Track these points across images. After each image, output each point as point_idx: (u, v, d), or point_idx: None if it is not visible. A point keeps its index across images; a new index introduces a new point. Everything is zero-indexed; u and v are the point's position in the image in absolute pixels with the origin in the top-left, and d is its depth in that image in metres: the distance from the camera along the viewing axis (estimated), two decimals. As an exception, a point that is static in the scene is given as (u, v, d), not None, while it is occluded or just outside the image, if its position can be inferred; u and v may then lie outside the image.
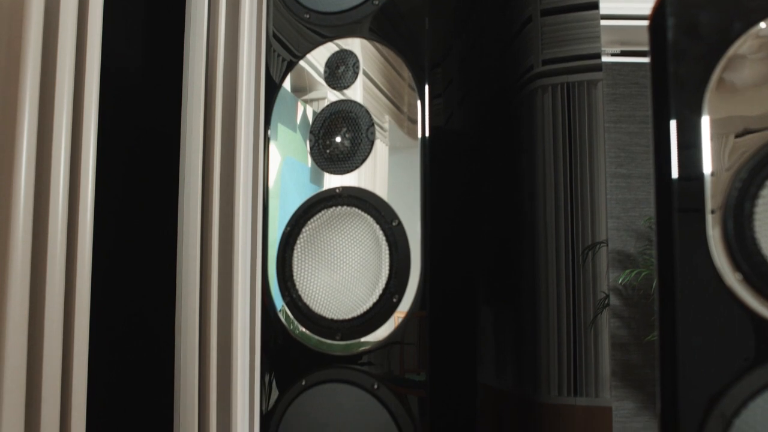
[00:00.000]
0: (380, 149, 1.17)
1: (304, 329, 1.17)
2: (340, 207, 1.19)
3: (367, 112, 1.19)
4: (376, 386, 1.05)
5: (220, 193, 2.21)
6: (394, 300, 1.10)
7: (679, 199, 0.90)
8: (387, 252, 1.13)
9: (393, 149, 1.16)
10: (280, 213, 1.25)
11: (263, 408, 1.14)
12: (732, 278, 0.86)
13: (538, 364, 1.25)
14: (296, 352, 1.15)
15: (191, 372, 2.12)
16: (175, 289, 2.19)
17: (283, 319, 1.18)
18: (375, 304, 1.12)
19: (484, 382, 1.08)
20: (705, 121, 0.91)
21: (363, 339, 1.11)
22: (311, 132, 1.25)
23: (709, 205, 0.89)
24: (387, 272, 1.12)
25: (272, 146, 1.31)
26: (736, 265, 0.87)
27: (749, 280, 0.86)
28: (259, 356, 1.25)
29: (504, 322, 1.22)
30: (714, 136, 0.90)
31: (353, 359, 1.10)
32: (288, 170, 1.24)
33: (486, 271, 1.25)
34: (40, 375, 1.83)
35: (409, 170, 1.13)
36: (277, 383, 1.15)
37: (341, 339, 1.13)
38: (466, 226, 1.23)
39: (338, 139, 1.22)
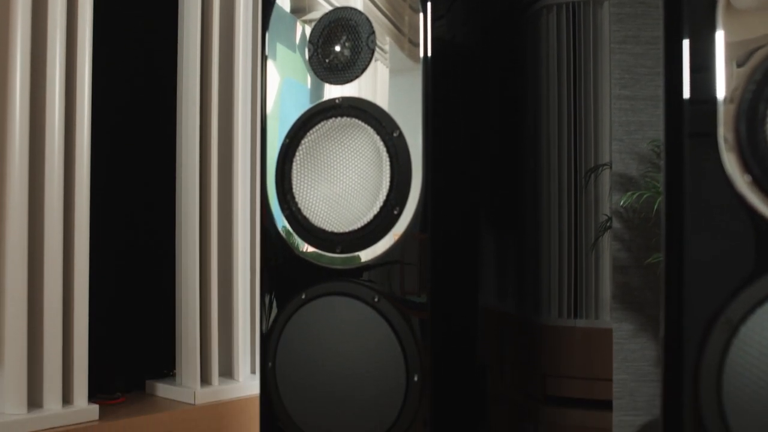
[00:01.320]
0: (381, 70, 1.14)
1: (303, 242, 1.16)
2: (339, 118, 1.17)
3: (368, 19, 1.16)
4: (376, 299, 1.05)
5: (219, 112, 2.19)
6: (395, 212, 1.08)
7: (690, 111, 0.88)
8: (388, 163, 1.11)
9: (393, 72, 1.14)
10: (279, 132, 1.22)
11: (263, 327, 1.14)
12: (741, 181, 0.85)
13: (539, 286, 1.25)
14: (296, 265, 1.14)
15: (192, 290, 2.13)
16: (175, 208, 2.19)
17: (282, 232, 1.17)
18: (375, 217, 1.10)
19: (485, 304, 1.08)
20: (719, 36, 0.88)
21: (363, 252, 1.10)
22: (309, 42, 1.22)
23: (721, 109, 0.87)
24: (387, 184, 1.10)
25: (271, 67, 1.28)
26: (746, 167, 0.85)
27: (759, 183, 0.84)
28: (259, 271, 1.24)
29: (505, 245, 1.21)
30: (728, 47, 0.87)
31: (354, 273, 1.09)
32: (287, 90, 1.22)
33: (488, 193, 1.24)
34: (41, 291, 1.84)
35: (411, 83, 1.10)
36: (276, 298, 1.14)
37: (341, 252, 1.11)
38: (468, 145, 1.21)
39: (338, 48, 1.19)
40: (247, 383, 2.21)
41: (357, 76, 1.16)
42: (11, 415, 1.77)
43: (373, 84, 1.14)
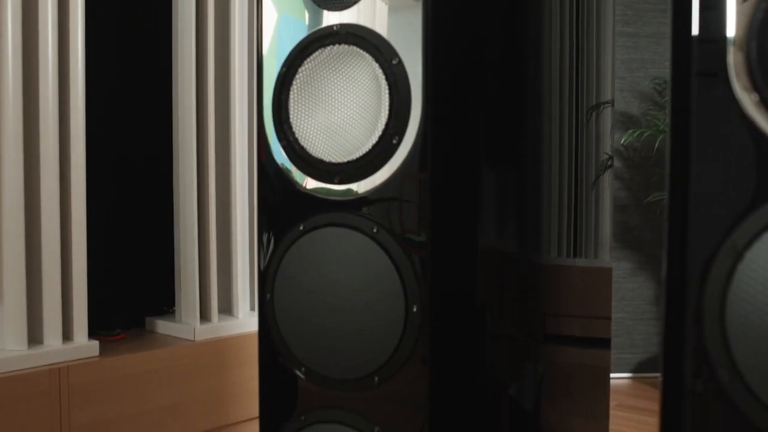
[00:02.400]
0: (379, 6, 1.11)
1: (301, 173, 1.14)
2: (337, 45, 1.14)
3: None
4: (375, 230, 1.03)
5: (215, 46, 2.16)
6: (394, 141, 1.07)
7: (700, 25, 0.85)
8: (387, 92, 1.08)
9: (392, 9, 1.11)
10: (277, 61, 1.20)
11: (261, 263, 1.13)
12: (748, 101, 0.83)
13: (538, 225, 1.24)
14: (293, 198, 1.13)
15: (190, 228, 2.12)
16: (172, 145, 2.17)
17: (279, 164, 1.15)
18: (374, 146, 1.09)
19: (484, 243, 1.07)
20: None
21: (362, 182, 1.08)
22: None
23: (732, 27, 0.84)
24: (386, 113, 1.08)
25: (267, 3, 1.25)
26: (754, 86, 0.83)
27: (766, 103, 0.82)
28: (257, 206, 1.23)
29: (505, 184, 1.20)
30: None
31: (352, 204, 1.08)
32: (284, 23, 1.19)
33: (488, 130, 1.22)
34: (38, 222, 1.84)
35: (411, 10, 1.07)
36: (274, 231, 1.13)
37: (340, 183, 1.10)
38: (468, 79, 1.19)
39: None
40: (247, 320, 2.22)
41: (356, 1, 1.13)
42: (12, 351, 1.78)
43: (372, 10, 1.11)
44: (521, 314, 1.16)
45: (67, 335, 1.90)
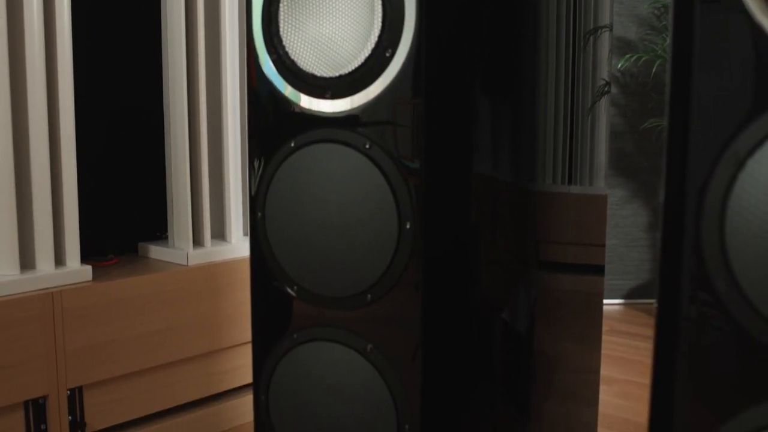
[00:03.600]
0: None
1: (292, 88, 1.12)
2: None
3: None
4: (368, 146, 1.02)
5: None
6: (387, 54, 1.04)
7: None
8: (380, 3, 1.05)
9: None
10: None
11: (252, 185, 1.11)
12: (755, 5, 0.79)
13: (533, 152, 1.22)
14: (284, 117, 1.11)
15: (182, 152, 2.10)
16: (162, 69, 2.14)
17: (270, 81, 1.12)
18: (367, 59, 1.06)
19: (479, 171, 1.05)
20: None
21: (355, 97, 1.05)
22: None
23: None
24: (379, 24, 1.05)
25: None
26: None
27: None
28: (247, 128, 1.20)
29: (501, 109, 1.18)
30: None
31: (344, 120, 1.06)
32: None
33: (483, 54, 1.19)
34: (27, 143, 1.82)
35: None
36: (264, 150, 1.11)
37: (331, 97, 1.07)
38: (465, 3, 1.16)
39: None
40: (240, 245, 2.22)
41: None
42: (4, 276, 1.77)
43: None
44: (515, 241, 1.15)
45: (59, 260, 1.90)
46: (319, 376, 1.04)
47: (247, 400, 2.25)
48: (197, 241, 2.18)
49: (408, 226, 0.96)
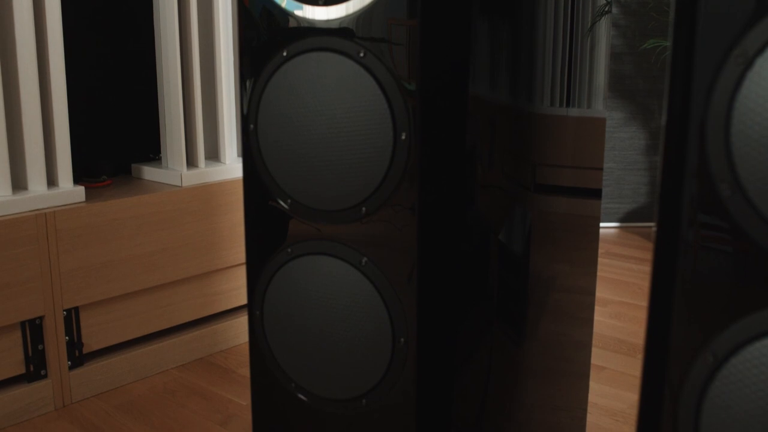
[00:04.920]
0: None
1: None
2: None
3: None
4: (362, 54, 0.99)
5: None
6: None
7: None
8: None
9: None
10: None
11: (244, 101, 1.09)
12: None
13: (532, 73, 1.20)
14: (277, 25, 1.07)
15: (174, 74, 2.07)
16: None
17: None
18: None
19: (476, 92, 1.03)
20: None
21: (350, 3, 1.02)
22: None
23: None
24: None
25: None
26: None
27: None
28: (239, 47, 1.17)
29: (499, 29, 1.15)
30: None
31: (338, 29, 1.03)
32: None
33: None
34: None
35: None
36: (255, 66, 1.08)
37: (325, 4, 1.04)
38: None
39: None
40: (234, 166, 2.20)
41: None
42: (-4, 196, 1.76)
43: None
44: (512, 164, 1.14)
45: (51, 181, 1.88)
46: (314, 290, 1.03)
47: (243, 321, 2.27)
48: (191, 162, 2.16)
49: (403, 137, 0.94)
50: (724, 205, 0.71)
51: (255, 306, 1.11)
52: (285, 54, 1.04)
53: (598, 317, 2.47)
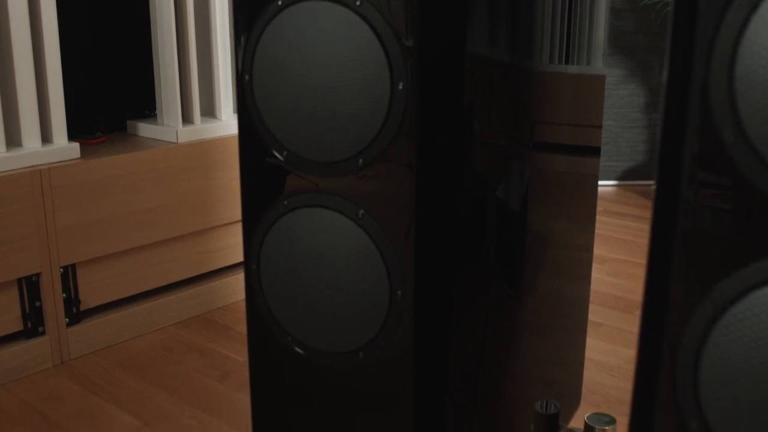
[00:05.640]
0: None
1: None
2: None
3: None
4: (358, 2, 0.97)
5: None
6: None
7: None
8: None
9: None
10: None
11: (239, 53, 1.07)
12: None
13: (531, 30, 1.18)
14: None
15: (168, 30, 2.04)
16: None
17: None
18: None
19: (474, 48, 1.02)
20: None
21: None
22: None
23: None
24: None
25: None
26: None
27: None
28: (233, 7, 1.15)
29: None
30: None
31: None
32: None
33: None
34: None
35: None
36: (249, 19, 1.06)
37: None
38: None
39: None
40: (230, 122, 2.19)
41: None
42: (-10, 152, 1.75)
43: None
44: (510, 121, 1.13)
45: (46, 137, 1.87)
46: (310, 243, 1.03)
47: (240, 278, 2.27)
48: (186, 119, 2.14)
49: (401, 87, 0.93)
50: (727, 152, 0.70)
51: (251, 260, 1.10)
52: (280, 3, 1.02)
53: (595, 274, 2.47)
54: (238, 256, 2.26)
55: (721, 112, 0.70)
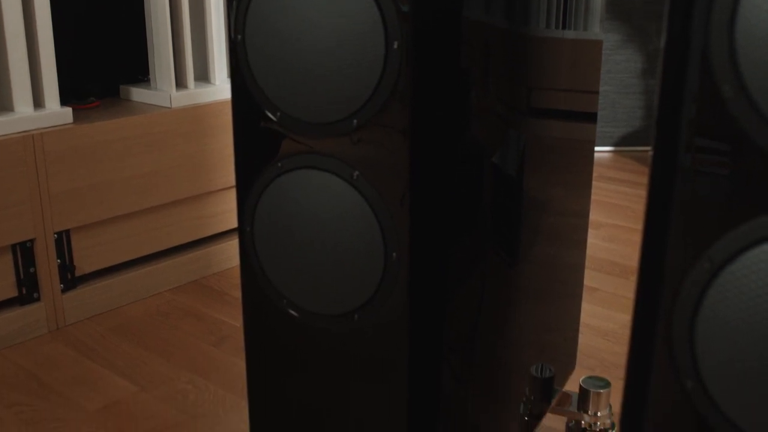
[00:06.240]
0: None
1: None
2: None
3: None
4: None
5: None
6: None
7: None
8: None
9: None
10: None
11: (231, 13, 1.05)
12: None
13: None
14: None
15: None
16: None
17: None
18: None
19: (469, 13, 1.00)
20: None
21: None
22: None
23: None
24: None
25: None
26: None
27: None
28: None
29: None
30: None
31: None
32: None
33: None
34: None
35: None
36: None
37: None
38: None
39: None
40: (224, 87, 2.17)
41: None
42: (-19, 117, 1.73)
43: None
44: (507, 88, 1.11)
45: (38, 102, 1.85)
46: (304, 205, 1.02)
47: (236, 244, 2.26)
48: (180, 83, 2.12)
49: (396, 46, 0.91)
50: (727, 109, 0.69)
51: (245, 222, 1.09)
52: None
53: (591, 240, 2.47)
54: (234, 221, 2.26)
55: (721, 68, 0.68)
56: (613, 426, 1.44)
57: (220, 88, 2.15)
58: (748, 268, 0.69)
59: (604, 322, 1.92)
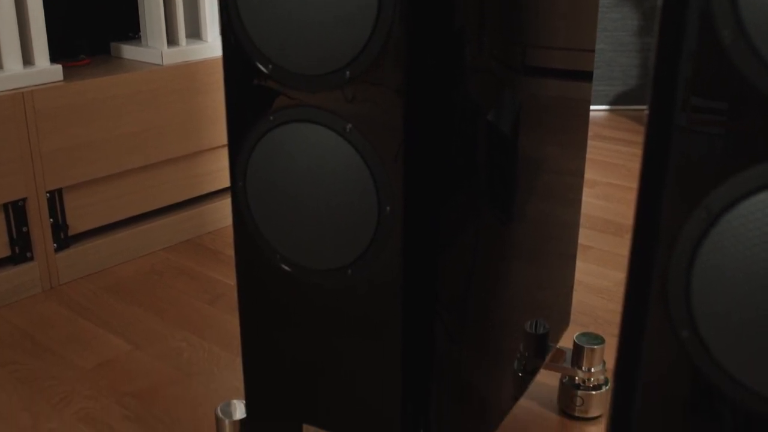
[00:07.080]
0: None
1: None
2: None
3: None
4: None
5: None
6: None
7: None
8: None
9: None
10: None
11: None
12: None
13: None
14: None
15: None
16: None
17: None
18: None
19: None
20: None
21: None
22: None
23: None
24: None
25: None
26: None
27: None
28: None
29: None
30: None
31: None
32: None
33: None
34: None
35: None
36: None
37: None
38: None
39: None
40: (216, 44, 2.14)
41: None
42: (-30, 74, 1.71)
43: None
44: (501, 46, 1.10)
45: (27, 60, 1.83)
46: (297, 158, 1.01)
47: (230, 202, 2.26)
48: (171, 40, 2.10)
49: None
50: (726, 53, 0.68)
51: (237, 177, 1.08)
52: None
53: (586, 198, 2.47)
54: (227, 180, 2.25)
55: (721, 12, 0.67)
56: (606, 382, 1.44)
57: (213, 45, 2.13)
58: (745, 217, 0.68)
59: (598, 280, 1.93)
